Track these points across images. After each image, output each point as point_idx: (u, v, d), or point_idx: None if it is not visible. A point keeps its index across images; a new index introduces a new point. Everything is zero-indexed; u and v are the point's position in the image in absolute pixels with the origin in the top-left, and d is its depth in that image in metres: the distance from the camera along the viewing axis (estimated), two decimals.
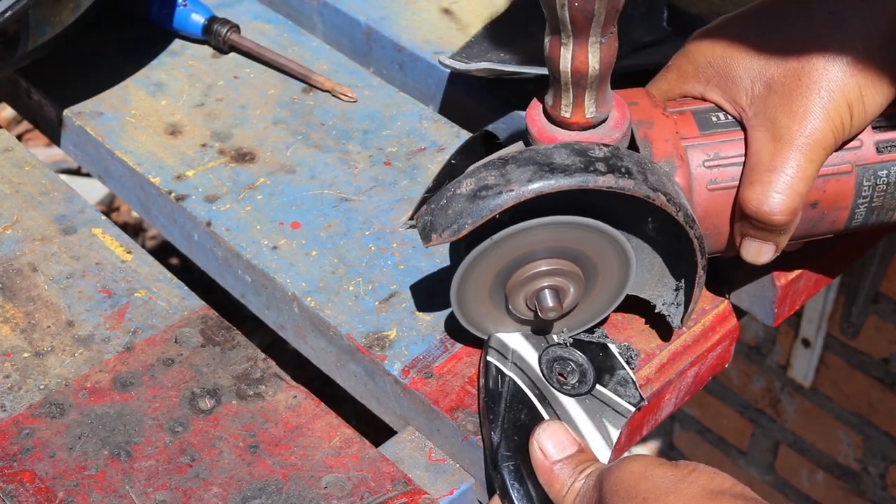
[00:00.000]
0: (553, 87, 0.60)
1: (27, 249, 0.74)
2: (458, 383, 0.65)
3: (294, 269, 0.73)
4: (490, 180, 0.58)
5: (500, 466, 0.60)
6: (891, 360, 1.41)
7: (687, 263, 0.63)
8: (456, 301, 0.63)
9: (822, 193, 0.63)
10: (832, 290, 1.41)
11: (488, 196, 0.57)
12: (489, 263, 0.61)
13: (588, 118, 0.60)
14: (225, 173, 0.80)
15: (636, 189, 0.58)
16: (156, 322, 0.69)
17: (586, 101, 0.60)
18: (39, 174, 0.80)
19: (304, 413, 0.64)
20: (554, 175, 0.57)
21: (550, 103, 0.61)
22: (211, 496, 0.60)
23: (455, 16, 0.93)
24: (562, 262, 0.62)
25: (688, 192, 0.63)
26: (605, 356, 0.66)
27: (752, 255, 0.64)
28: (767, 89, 0.62)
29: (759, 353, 1.58)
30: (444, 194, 0.59)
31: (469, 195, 0.58)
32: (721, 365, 0.72)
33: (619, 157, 0.59)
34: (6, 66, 0.81)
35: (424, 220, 0.59)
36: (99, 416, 0.64)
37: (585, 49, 0.57)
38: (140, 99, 0.87)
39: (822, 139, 0.60)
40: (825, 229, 0.66)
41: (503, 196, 0.57)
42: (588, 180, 0.57)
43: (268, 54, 0.89)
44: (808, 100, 0.60)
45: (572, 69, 0.58)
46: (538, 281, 0.62)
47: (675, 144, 0.63)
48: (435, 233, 0.58)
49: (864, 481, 1.55)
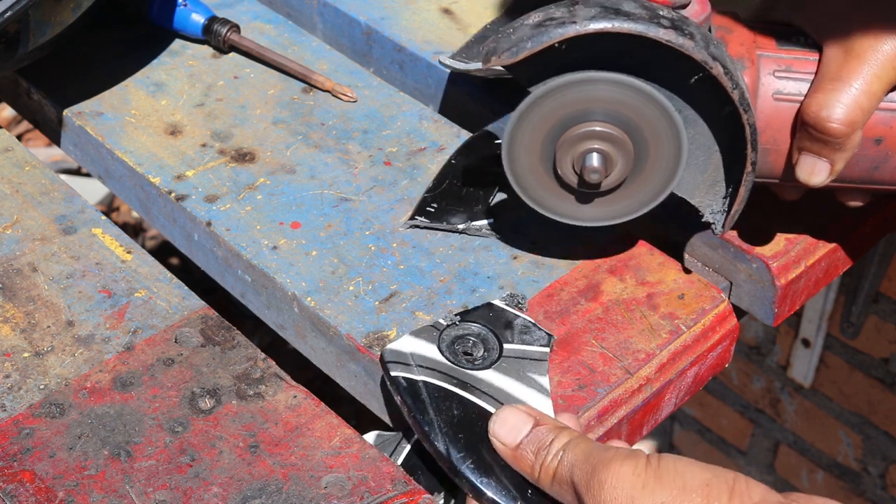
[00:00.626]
0: None
1: (27, 249, 0.74)
2: None
3: (294, 269, 0.73)
4: (557, 14, 0.59)
5: (459, 471, 0.58)
6: (891, 360, 1.41)
7: (738, 165, 0.63)
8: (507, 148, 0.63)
9: (889, 129, 0.63)
10: (832, 290, 1.41)
11: (551, 26, 0.58)
12: (544, 113, 0.62)
13: None
14: (225, 173, 0.80)
15: (695, 51, 0.58)
16: (156, 322, 0.69)
17: None
18: (39, 174, 0.80)
19: (304, 413, 0.64)
20: (618, 17, 0.58)
21: None
22: (211, 496, 0.60)
23: (455, 16, 0.93)
24: (614, 129, 0.62)
25: (753, 97, 0.62)
26: (496, 314, 0.66)
27: (806, 172, 0.63)
28: (849, 14, 0.62)
29: (759, 353, 1.58)
30: (512, 24, 0.61)
31: (534, 24, 0.59)
32: (721, 365, 0.72)
33: (685, 21, 0.59)
34: (6, 66, 0.81)
35: (489, 45, 0.61)
36: (99, 416, 0.64)
37: None
38: (140, 99, 0.87)
39: (894, 59, 0.61)
40: (889, 176, 0.65)
41: (566, 27, 0.58)
42: (650, 29, 0.58)
43: (268, 54, 0.89)
44: (886, 24, 0.61)
45: None
46: (587, 142, 0.62)
47: (749, 49, 0.63)
48: (495, 55, 0.60)
49: (864, 481, 1.55)
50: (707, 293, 0.71)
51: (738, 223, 0.68)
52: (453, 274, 0.72)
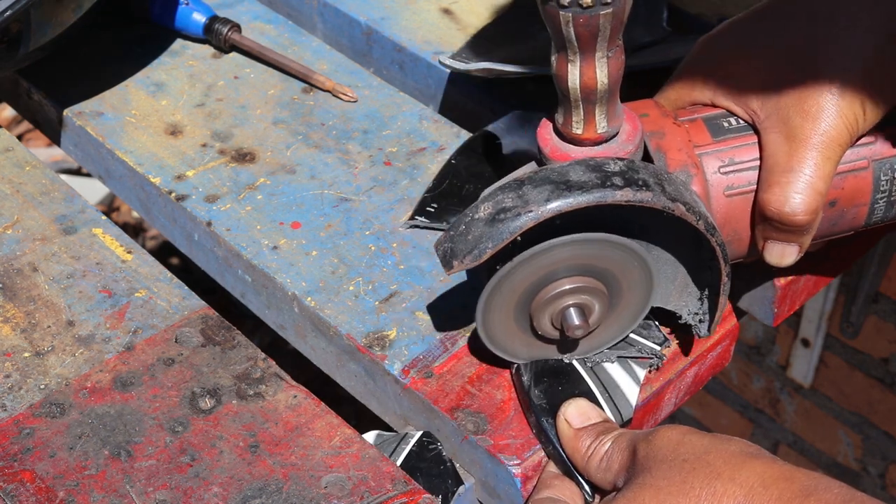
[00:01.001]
0: (563, 105, 0.60)
1: (27, 249, 0.74)
2: (458, 383, 0.66)
3: (294, 268, 0.73)
4: (507, 203, 0.58)
5: (533, 406, 0.62)
6: (890, 360, 1.41)
7: (710, 272, 0.63)
8: (482, 326, 0.63)
9: (841, 191, 0.63)
10: (832, 290, 1.41)
11: (507, 219, 0.57)
12: (512, 285, 0.61)
13: (600, 133, 0.60)
14: (225, 173, 0.80)
15: (654, 201, 0.57)
16: (156, 322, 0.69)
17: (597, 117, 0.59)
18: (40, 174, 0.80)
19: (305, 413, 0.64)
20: (571, 193, 0.57)
21: (561, 121, 0.60)
22: (211, 496, 0.60)
23: (455, 16, 0.93)
24: (585, 280, 0.61)
25: (705, 200, 0.62)
26: None
27: (776, 257, 0.64)
28: (778, 91, 0.62)
29: (759, 352, 1.58)
30: (462, 220, 0.59)
31: (487, 219, 0.58)
32: (721, 365, 0.72)
33: (635, 169, 0.58)
34: (7, 66, 0.81)
35: (444, 248, 0.59)
36: (99, 416, 0.64)
37: (593, 65, 0.57)
38: (140, 99, 0.87)
39: (838, 136, 0.60)
40: (846, 227, 0.66)
41: (522, 218, 0.57)
42: (606, 195, 0.57)
43: (268, 54, 0.89)
44: (820, 98, 0.60)
45: (581, 85, 0.58)
46: (562, 300, 0.62)
47: (688, 153, 0.62)
48: (456, 259, 0.58)
49: (864, 481, 1.55)
50: None
51: None
52: None
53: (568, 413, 0.61)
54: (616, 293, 0.63)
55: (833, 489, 0.50)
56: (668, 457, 0.54)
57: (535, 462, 0.62)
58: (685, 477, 0.53)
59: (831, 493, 0.50)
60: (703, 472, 0.53)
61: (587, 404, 0.62)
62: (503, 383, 0.66)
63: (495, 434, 0.63)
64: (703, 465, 0.53)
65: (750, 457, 0.53)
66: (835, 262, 0.76)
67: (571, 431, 0.61)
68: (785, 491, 0.50)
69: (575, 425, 0.61)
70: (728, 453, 0.53)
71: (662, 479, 0.53)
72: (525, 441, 0.63)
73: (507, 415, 0.64)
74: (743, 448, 0.54)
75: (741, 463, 0.53)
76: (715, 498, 0.51)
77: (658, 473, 0.54)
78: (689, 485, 0.52)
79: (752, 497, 0.51)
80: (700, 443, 0.55)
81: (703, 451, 0.54)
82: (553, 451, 0.61)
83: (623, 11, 0.55)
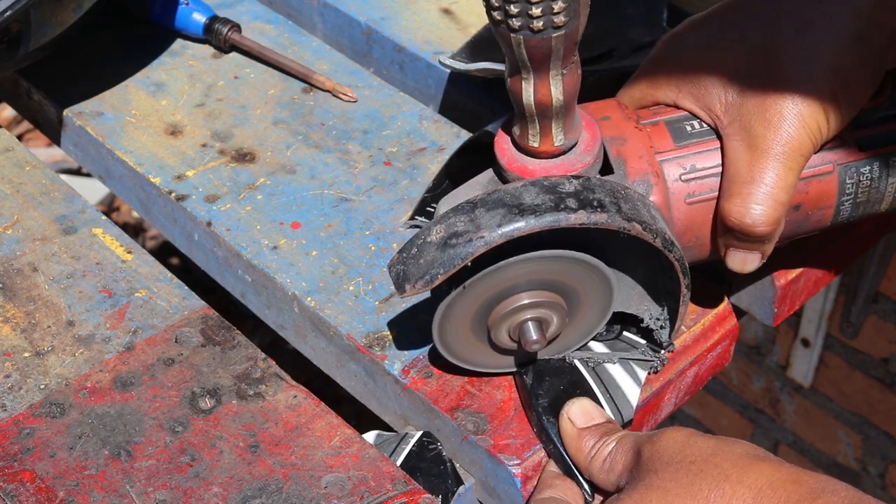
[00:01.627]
0: (519, 119, 0.59)
1: (27, 249, 0.74)
2: (458, 383, 0.66)
3: (294, 268, 0.73)
4: (459, 227, 0.57)
5: (535, 405, 0.62)
6: (890, 359, 1.41)
7: (671, 280, 0.62)
8: (439, 338, 0.62)
9: (805, 196, 0.63)
10: (832, 290, 1.41)
11: (458, 244, 0.56)
12: (469, 301, 0.60)
13: (557, 146, 0.59)
14: (225, 173, 0.80)
15: (609, 222, 0.57)
16: (156, 322, 0.69)
17: (554, 131, 0.59)
18: (40, 174, 0.80)
19: (305, 413, 0.64)
20: (524, 217, 0.56)
21: (518, 133, 0.60)
22: (211, 496, 0.60)
23: (455, 16, 0.93)
24: (543, 294, 0.61)
25: (665, 209, 0.62)
26: None
27: (737, 264, 0.63)
28: (741, 96, 0.61)
29: (759, 352, 1.58)
30: (415, 242, 0.58)
31: (439, 243, 0.57)
32: (721, 365, 0.72)
33: (590, 188, 0.57)
34: (7, 66, 0.81)
35: (397, 270, 0.58)
36: (99, 416, 0.64)
37: (547, 83, 0.56)
38: (140, 99, 0.87)
39: (800, 146, 0.59)
40: (811, 228, 0.65)
41: (473, 244, 0.56)
42: (559, 219, 0.56)
43: (269, 54, 0.89)
44: (782, 107, 0.59)
45: (535, 101, 0.57)
46: (520, 314, 0.61)
47: (649, 161, 0.62)
48: (408, 283, 0.57)
49: (864, 481, 1.55)
50: (707, 293, 0.71)
51: None
52: None
53: (571, 412, 0.61)
54: (575, 304, 0.62)
55: (840, 492, 0.50)
56: (675, 458, 0.54)
57: (535, 462, 0.62)
58: (693, 479, 0.53)
59: (838, 497, 0.50)
60: (711, 473, 0.53)
61: (591, 404, 0.62)
62: (503, 383, 0.66)
63: (495, 434, 0.63)
64: (711, 467, 0.53)
65: (757, 459, 0.53)
66: (835, 262, 0.76)
67: (575, 431, 0.61)
68: (793, 493, 0.50)
69: (578, 425, 0.61)
70: (735, 455, 0.53)
71: (670, 481, 0.53)
72: (525, 441, 0.63)
73: (507, 415, 0.64)
74: (749, 451, 0.54)
75: (749, 465, 0.53)
76: (724, 499, 0.52)
77: (665, 475, 0.54)
78: (696, 486, 0.52)
79: (761, 499, 0.51)
80: (706, 445, 0.54)
81: (710, 453, 0.54)
82: (554, 450, 0.61)
83: (576, 32, 0.54)
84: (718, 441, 0.55)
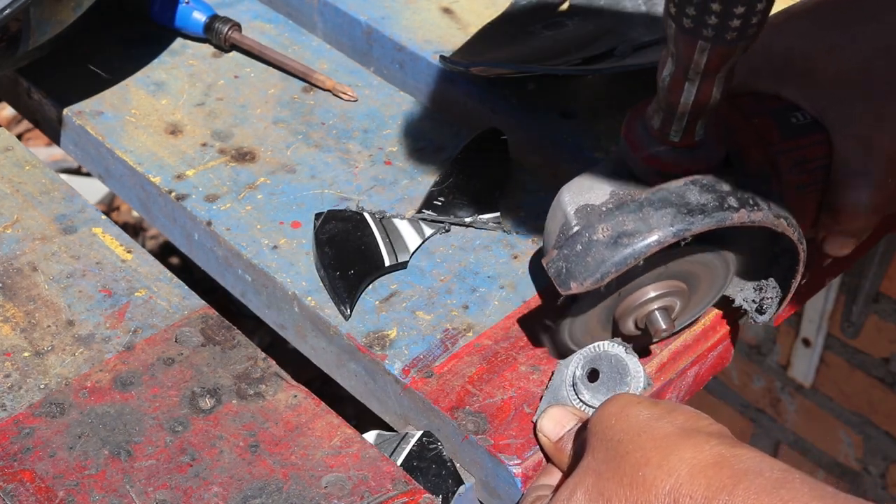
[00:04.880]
0: (662, 113, 0.59)
1: (27, 249, 0.74)
2: (459, 383, 0.65)
3: (294, 268, 0.73)
4: (629, 226, 0.57)
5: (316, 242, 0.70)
6: (891, 359, 1.41)
7: (779, 268, 0.64)
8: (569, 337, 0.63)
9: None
10: (833, 289, 1.41)
11: (631, 243, 0.57)
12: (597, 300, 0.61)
13: (696, 141, 0.60)
14: (225, 173, 0.80)
15: (765, 220, 0.58)
16: (156, 321, 0.69)
17: (698, 127, 0.59)
18: (40, 173, 0.80)
19: (305, 412, 0.64)
20: (693, 216, 0.57)
21: (658, 125, 0.60)
22: (211, 496, 0.60)
23: (455, 15, 0.93)
24: (669, 284, 0.62)
25: None
26: None
27: (835, 249, 0.66)
28: (850, 91, 0.62)
29: (760, 352, 1.58)
30: (578, 240, 0.58)
31: (608, 242, 0.57)
32: (721, 364, 0.72)
33: (743, 187, 0.59)
34: (7, 65, 0.81)
35: (558, 267, 0.59)
36: (99, 416, 0.64)
37: (712, 84, 0.56)
38: (140, 98, 0.87)
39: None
40: None
41: (647, 241, 0.57)
42: (725, 218, 0.57)
43: (269, 53, 0.89)
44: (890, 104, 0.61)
45: (694, 102, 0.57)
46: (648, 305, 0.62)
47: (767, 156, 0.63)
48: (575, 281, 0.58)
49: (865, 481, 1.55)
50: None
51: None
52: (453, 273, 0.72)
53: (544, 428, 0.61)
54: (695, 287, 0.64)
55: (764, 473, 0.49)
56: (607, 434, 0.53)
57: (535, 462, 0.62)
58: (619, 462, 0.52)
59: (762, 479, 0.48)
60: (634, 456, 0.51)
61: (560, 411, 0.61)
62: (503, 383, 0.66)
63: (495, 434, 0.63)
64: (636, 449, 0.52)
65: (682, 438, 0.51)
66: (836, 261, 0.76)
67: (552, 445, 0.60)
68: (713, 479, 0.49)
69: (553, 438, 0.60)
70: (661, 435, 0.52)
71: (602, 462, 0.53)
72: (525, 441, 0.62)
73: (508, 415, 0.64)
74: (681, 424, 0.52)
75: (671, 447, 0.51)
76: (644, 487, 0.50)
77: (598, 455, 0.53)
78: (622, 470, 0.51)
79: (680, 486, 0.49)
80: (636, 420, 0.53)
81: (636, 431, 0.52)
82: None
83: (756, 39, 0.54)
84: (653, 413, 0.53)
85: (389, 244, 0.71)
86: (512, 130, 0.82)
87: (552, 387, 0.63)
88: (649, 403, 0.54)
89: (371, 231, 0.72)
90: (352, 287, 0.69)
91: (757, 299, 0.66)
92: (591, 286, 0.57)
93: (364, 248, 0.72)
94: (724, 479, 0.49)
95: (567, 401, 0.62)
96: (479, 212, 0.75)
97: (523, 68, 0.80)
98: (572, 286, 0.58)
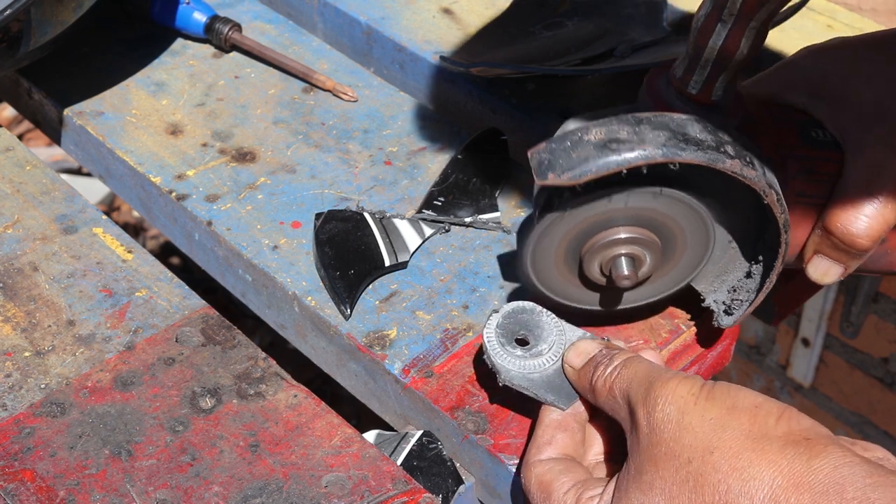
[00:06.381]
0: (688, 60, 0.59)
1: (28, 249, 0.74)
2: (459, 382, 0.66)
3: (294, 268, 0.73)
4: (622, 135, 0.56)
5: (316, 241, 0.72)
6: (890, 359, 1.41)
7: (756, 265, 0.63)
8: (530, 265, 0.62)
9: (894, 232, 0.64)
10: (832, 289, 1.41)
11: (619, 150, 0.55)
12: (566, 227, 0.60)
13: (713, 100, 0.59)
14: (226, 173, 0.80)
15: (756, 181, 0.57)
16: (156, 321, 0.69)
17: (718, 83, 0.58)
18: (40, 174, 0.80)
19: (305, 412, 0.64)
20: (687, 146, 0.56)
21: (679, 75, 0.59)
22: (212, 495, 0.60)
23: (455, 16, 0.93)
24: (641, 231, 0.61)
25: None
26: None
27: (819, 273, 0.64)
28: (876, 119, 0.63)
29: (759, 352, 1.58)
30: (569, 136, 0.57)
31: (598, 144, 0.56)
32: (721, 364, 0.72)
33: (744, 146, 0.58)
34: (8, 65, 0.81)
35: (542, 157, 0.57)
36: (100, 416, 0.64)
37: (743, 31, 0.56)
38: (141, 98, 0.87)
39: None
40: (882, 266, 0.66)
41: (635, 153, 0.55)
42: (717, 159, 0.56)
43: (269, 53, 0.89)
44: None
45: (721, 48, 0.57)
46: (614, 248, 0.61)
47: (777, 150, 0.63)
48: (553, 172, 0.56)
49: None
50: None
51: None
52: (453, 273, 0.73)
53: (568, 358, 0.61)
54: (670, 251, 0.62)
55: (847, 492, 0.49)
56: (673, 451, 0.53)
57: None
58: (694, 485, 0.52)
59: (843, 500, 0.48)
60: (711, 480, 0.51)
61: (586, 342, 0.61)
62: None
63: (495, 433, 0.63)
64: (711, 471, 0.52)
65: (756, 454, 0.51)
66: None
67: (576, 374, 0.60)
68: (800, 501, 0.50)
69: (577, 367, 0.60)
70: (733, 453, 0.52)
71: (672, 484, 0.52)
72: (525, 441, 0.63)
73: (508, 414, 0.64)
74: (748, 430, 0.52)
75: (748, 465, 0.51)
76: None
77: (665, 473, 0.53)
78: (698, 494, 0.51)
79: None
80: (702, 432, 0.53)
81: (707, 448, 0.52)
82: None
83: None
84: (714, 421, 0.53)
85: (389, 244, 0.72)
86: (512, 130, 0.82)
87: None
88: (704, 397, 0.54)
89: (371, 231, 0.72)
90: (352, 287, 0.69)
91: (728, 301, 0.65)
92: (568, 181, 0.56)
93: (364, 248, 0.72)
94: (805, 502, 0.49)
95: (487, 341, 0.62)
96: (479, 212, 0.76)
97: (523, 68, 0.80)
98: (549, 177, 0.56)
